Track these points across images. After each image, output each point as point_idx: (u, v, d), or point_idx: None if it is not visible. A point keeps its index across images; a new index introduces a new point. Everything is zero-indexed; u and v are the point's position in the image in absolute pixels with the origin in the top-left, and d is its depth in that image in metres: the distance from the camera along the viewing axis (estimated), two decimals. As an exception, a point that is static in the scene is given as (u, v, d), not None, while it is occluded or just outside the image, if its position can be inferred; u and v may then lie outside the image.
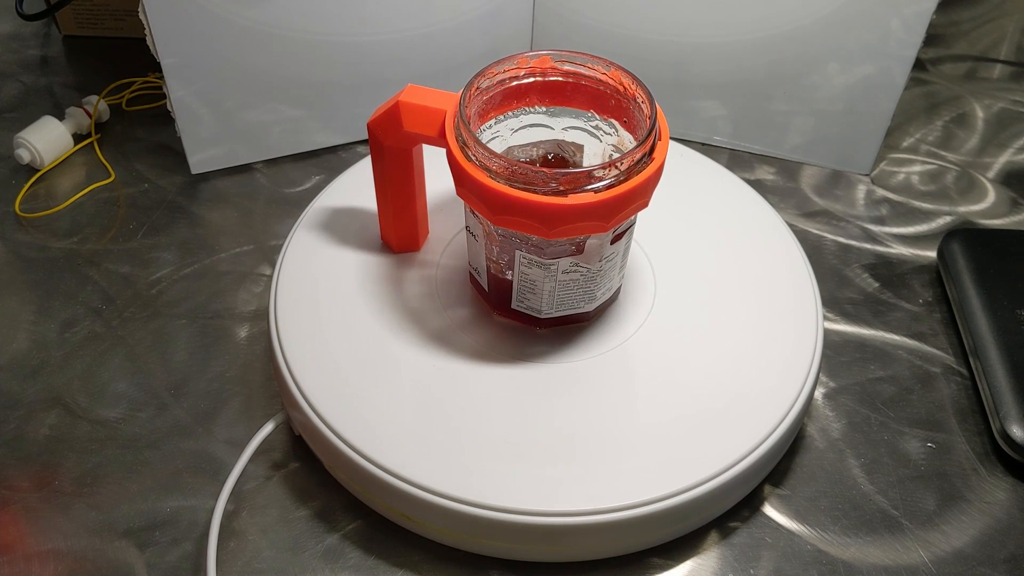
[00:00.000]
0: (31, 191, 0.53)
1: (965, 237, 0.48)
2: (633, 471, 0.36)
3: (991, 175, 0.56)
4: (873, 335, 0.47)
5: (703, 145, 0.57)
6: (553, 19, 0.55)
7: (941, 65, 0.65)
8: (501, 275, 0.39)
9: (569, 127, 0.40)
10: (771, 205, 0.47)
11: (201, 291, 0.48)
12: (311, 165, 0.55)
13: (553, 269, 0.37)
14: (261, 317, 0.47)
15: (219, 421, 0.42)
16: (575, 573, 0.37)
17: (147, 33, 0.48)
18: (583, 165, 0.40)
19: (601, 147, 0.39)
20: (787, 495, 0.40)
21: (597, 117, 0.39)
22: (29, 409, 0.42)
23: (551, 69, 0.39)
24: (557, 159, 0.40)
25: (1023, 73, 0.65)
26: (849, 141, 0.55)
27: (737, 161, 0.56)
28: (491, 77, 0.38)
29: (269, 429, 0.40)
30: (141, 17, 0.48)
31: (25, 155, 0.53)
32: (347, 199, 0.47)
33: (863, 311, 0.48)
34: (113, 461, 0.40)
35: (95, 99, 0.57)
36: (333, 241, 0.44)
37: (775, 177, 0.55)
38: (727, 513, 0.39)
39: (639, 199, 0.35)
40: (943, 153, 0.58)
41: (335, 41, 0.52)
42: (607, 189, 0.34)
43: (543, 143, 0.40)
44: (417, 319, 0.41)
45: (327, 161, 0.56)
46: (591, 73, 0.38)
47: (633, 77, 0.37)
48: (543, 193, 0.34)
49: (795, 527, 0.39)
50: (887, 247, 0.51)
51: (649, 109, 0.36)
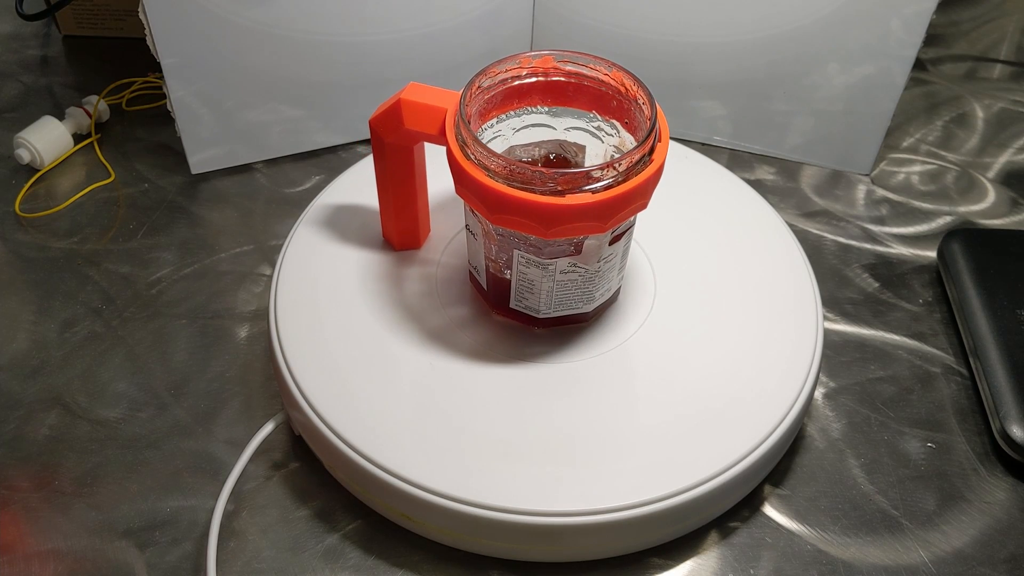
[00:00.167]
0: (31, 191, 0.53)
1: (965, 237, 0.48)
2: (633, 471, 0.36)
3: (991, 175, 0.56)
4: (873, 335, 0.47)
5: (703, 145, 0.57)
6: (553, 19, 0.55)
7: (941, 65, 0.65)
8: (500, 274, 0.39)
9: (571, 127, 0.40)
10: (771, 205, 0.47)
11: (201, 291, 0.48)
12: (311, 165, 0.55)
13: (551, 269, 0.37)
14: (261, 317, 0.47)
15: (219, 421, 0.42)
16: (575, 573, 0.37)
17: (147, 33, 0.48)
18: (584, 166, 0.40)
19: (603, 148, 0.39)
20: (787, 495, 0.40)
21: (599, 118, 0.39)
22: (29, 409, 0.42)
23: (553, 69, 0.39)
24: (559, 159, 0.40)
25: (1023, 73, 0.65)
26: (849, 141, 0.55)
27: (737, 161, 0.56)
28: (493, 76, 0.38)
29: (269, 429, 0.40)
30: (141, 17, 0.48)
31: (25, 155, 0.53)
32: (347, 199, 0.47)
33: (863, 311, 0.48)
34: (113, 461, 0.40)
35: (95, 99, 0.57)
36: (333, 241, 0.44)
37: (775, 177, 0.55)
38: (727, 513, 0.39)
39: (638, 200, 0.35)
40: (943, 153, 0.58)
41: (335, 41, 0.52)
42: (605, 190, 0.34)
43: (545, 143, 0.40)
44: (418, 319, 0.41)
45: (327, 161, 0.56)
46: (593, 74, 0.38)
47: (634, 78, 0.37)
48: (541, 193, 0.34)
49: (795, 527, 0.39)
50: (887, 247, 0.51)
51: (649, 110, 0.36)
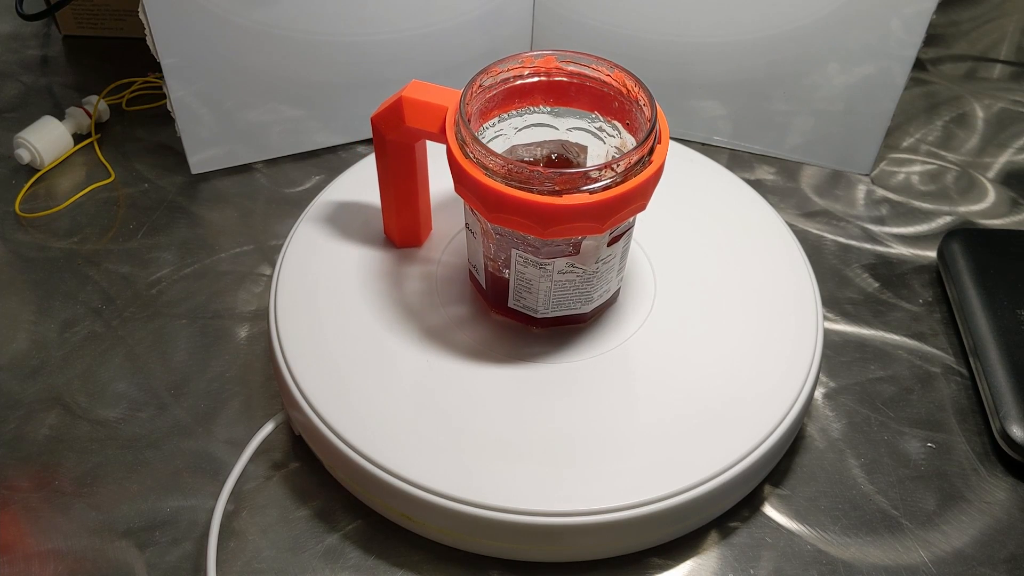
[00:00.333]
0: (31, 191, 0.53)
1: (965, 237, 0.48)
2: (633, 471, 0.36)
3: (991, 175, 0.56)
4: (873, 335, 0.47)
5: (703, 145, 0.57)
6: (553, 19, 0.55)
7: (941, 65, 0.65)
8: (498, 273, 0.39)
9: (573, 128, 0.40)
10: (771, 205, 0.47)
11: (201, 291, 0.48)
12: (311, 165, 0.55)
13: (549, 269, 0.37)
14: (261, 317, 0.47)
15: (219, 421, 0.42)
16: (575, 573, 0.37)
17: (147, 33, 0.48)
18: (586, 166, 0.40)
19: (605, 149, 0.39)
20: (787, 495, 0.40)
21: (601, 119, 0.39)
22: (29, 409, 0.42)
23: (555, 69, 0.39)
24: (561, 159, 0.40)
25: (1023, 73, 0.65)
26: (849, 141, 0.55)
27: (737, 161, 0.56)
28: (495, 75, 0.38)
29: (269, 429, 0.40)
30: (141, 17, 0.48)
31: (25, 155, 0.53)
32: (347, 199, 0.47)
33: (863, 311, 0.48)
34: (113, 461, 0.40)
35: (95, 99, 0.57)
36: (333, 241, 0.44)
37: (775, 177, 0.55)
38: (727, 513, 0.39)
39: (636, 202, 0.35)
40: (943, 153, 0.58)
41: (335, 41, 0.52)
42: (603, 191, 0.34)
43: (547, 143, 0.40)
44: (418, 318, 0.41)
45: (327, 161, 0.56)
46: (595, 74, 0.38)
47: (636, 79, 0.37)
48: (539, 193, 0.34)
49: (795, 527, 0.39)
50: (887, 247, 0.51)
51: (650, 111, 0.36)
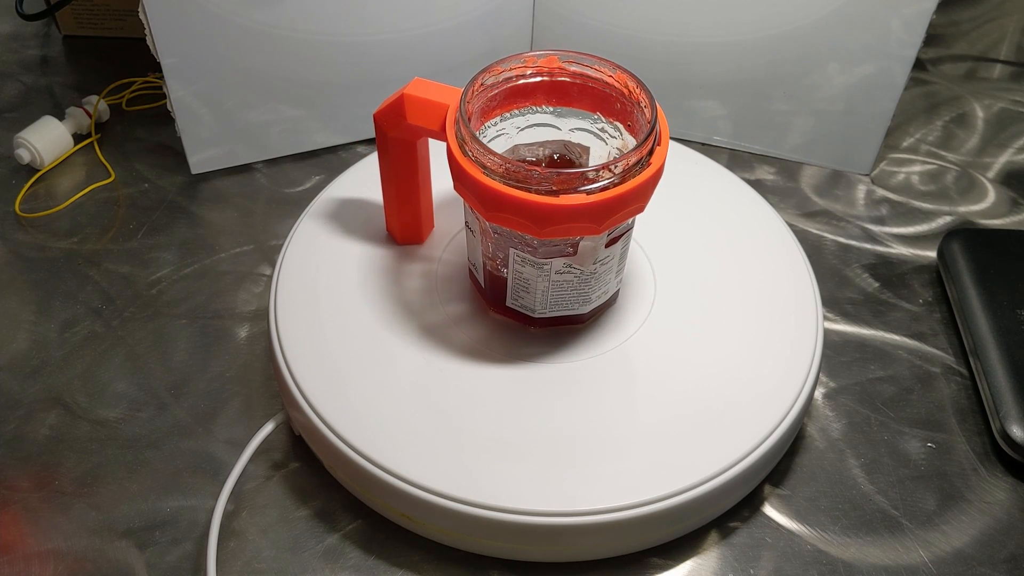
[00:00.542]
0: (31, 191, 0.53)
1: (965, 237, 0.48)
2: (633, 471, 0.36)
3: (991, 175, 0.56)
4: (873, 335, 0.47)
5: (703, 145, 0.57)
6: (553, 19, 0.55)
7: (941, 65, 0.65)
8: (497, 272, 0.39)
9: (576, 128, 0.40)
10: (771, 205, 0.47)
11: (201, 291, 0.48)
12: (311, 165, 0.55)
13: (546, 269, 0.37)
14: (261, 317, 0.47)
15: (219, 421, 0.42)
16: (575, 573, 0.37)
17: (147, 33, 0.48)
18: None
19: (607, 150, 0.39)
20: (787, 495, 0.40)
21: (603, 119, 0.39)
22: (29, 409, 0.42)
23: (558, 69, 0.38)
24: (563, 160, 0.40)
25: (1023, 73, 0.65)
26: (849, 141, 0.55)
27: (737, 161, 0.56)
28: (497, 74, 0.38)
29: (269, 429, 0.40)
30: (141, 17, 0.48)
31: (25, 155, 0.53)
32: (348, 199, 0.47)
33: (863, 311, 0.48)
34: (113, 461, 0.40)
35: (95, 99, 0.57)
36: (333, 241, 0.44)
37: (775, 177, 0.55)
38: (727, 513, 0.39)
39: (634, 203, 0.35)
40: (943, 153, 0.58)
41: (335, 41, 0.52)
42: (601, 191, 0.34)
43: (550, 143, 0.40)
44: (419, 318, 0.41)
45: (327, 161, 0.56)
46: (597, 75, 0.38)
47: (638, 81, 0.37)
48: (536, 192, 0.34)
49: (795, 527, 0.39)
50: (887, 247, 0.51)
51: (650, 113, 0.36)
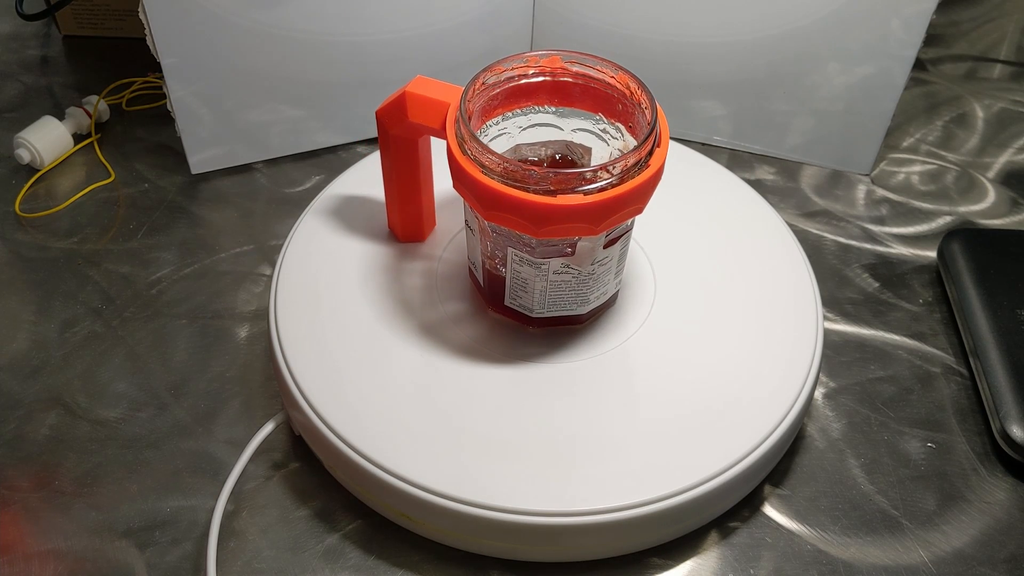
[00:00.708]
0: (31, 191, 0.53)
1: (965, 237, 0.48)
2: (633, 471, 0.36)
3: (991, 175, 0.56)
4: (873, 335, 0.47)
5: (703, 145, 0.57)
6: (553, 19, 0.55)
7: (941, 65, 0.65)
8: (495, 271, 0.39)
9: (578, 129, 0.39)
10: (771, 205, 0.47)
11: (201, 291, 0.48)
12: (311, 165, 0.55)
13: (544, 269, 0.37)
14: (261, 317, 0.47)
15: (219, 421, 0.42)
16: (575, 573, 0.37)
17: (147, 33, 0.48)
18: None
19: (608, 151, 0.39)
20: (787, 495, 0.40)
21: (605, 120, 0.39)
22: (29, 409, 0.42)
23: (561, 69, 0.38)
24: (565, 160, 0.40)
25: (1023, 73, 0.65)
26: (849, 141, 0.55)
27: (737, 161, 0.56)
28: (499, 73, 0.38)
29: (269, 429, 0.40)
30: (141, 17, 0.48)
31: (25, 155, 0.53)
32: (348, 199, 0.47)
33: (863, 311, 0.48)
34: (113, 461, 0.40)
35: (95, 99, 0.57)
36: (333, 241, 0.44)
37: (775, 177, 0.55)
38: (727, 513, 0.39)
39: (632, 205, 0.35)
40: (943, 153, 0.58)
41: (335, 41, 0.52)
42: (598, 192, 0.34)
43: (552, 143, 0.40)
44: (419, 318, 0.41)
45: (327, 161, 0.56)
46: (600, 76, 0.38)
47: (639, 82, 0.37)
48: (534, 192, 0.34)
49: (795, 527, 0.39)
50: (887, 247, 0.51)
51: (650, 114, 0.36)
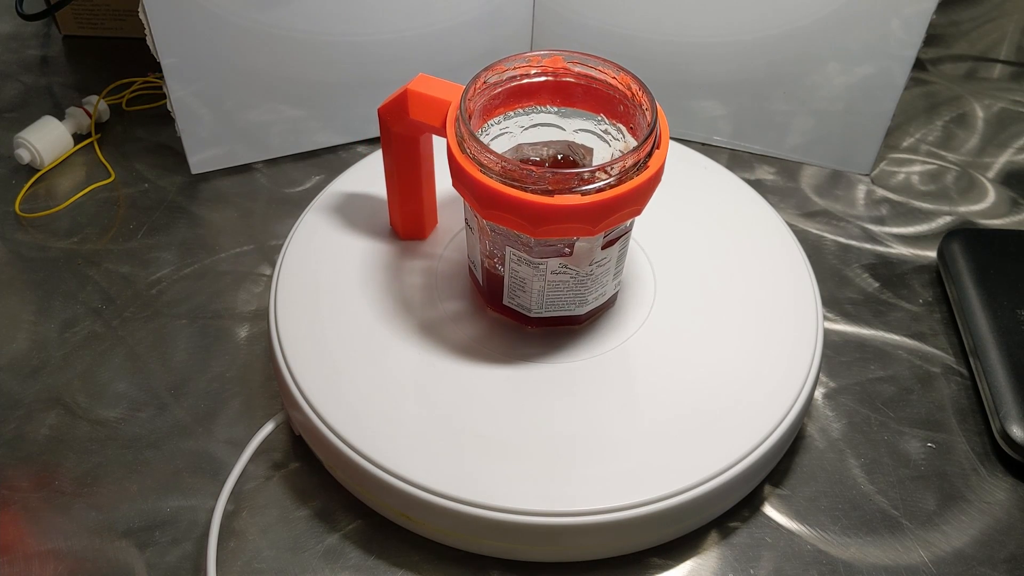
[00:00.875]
0: (31, 191, 0.53)
1: (965, 237, 0.48)
2: (633, 471, 0.36)
3: (991, 175, 0.56)
4: (873, 335, 0.47)
5: (703, 145, 0.57)
6: (553, 19, 0.55)
7: (941, 65, 0.65)
8: (494, 270, 0.39)
9: (580, 129, 0.39)
10: (771, 205, 0.47)
11: (201, 291, 0.48)
12: (311, 165, 0.55)
13: (542, 269, 0.37)
14: (261, 317, 0.47)
15: (219, 421, 0.42)
16: (575, 573, 0.37)
17: (147, 33, 0.48)
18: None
19: (609, 151, 0.39)
20: (787, 495, 0.40)
21: (606, 121, 0.39)
22: (29, 409, 0.42)
23: (563, 70, 0.38)
24: (567, 160, 0.40)
25: (1023, 73, 0.65)
26: (849, 141, 0.55)
27: (737, 161, 0.56)
28: (500, 72, 0.38)
29: (269, 429, 0.40)
30: (141, 17, 0.48)
31: (25, 155, 0.53)
32: (348, 199, 0.47)
33: (863, 311, 0.48)
34: (113, 461, 0.40)
35: (95, 99, 0.57)
36: (333, 241, 0.44)
37: (775, 177, 0.55)
38: (727, 513, 0.39)
39: (629, 206, 0.35)
40: (943, 153, 0.58)
41: (335, 41, 0.52)
42: (597, 193, 0.34)
43: (554, 143, 0.40)
44: (419, 317, 0.41)
45: (327, 161, 0.56)
46: (602, 76, 0.38)
47: (640, 83, 0.37)
48: (533, 192, 0.34)
49: (795, 527, 0.39)
50: (887, 247, 0.51)
51: (650, 115, 0.36)
